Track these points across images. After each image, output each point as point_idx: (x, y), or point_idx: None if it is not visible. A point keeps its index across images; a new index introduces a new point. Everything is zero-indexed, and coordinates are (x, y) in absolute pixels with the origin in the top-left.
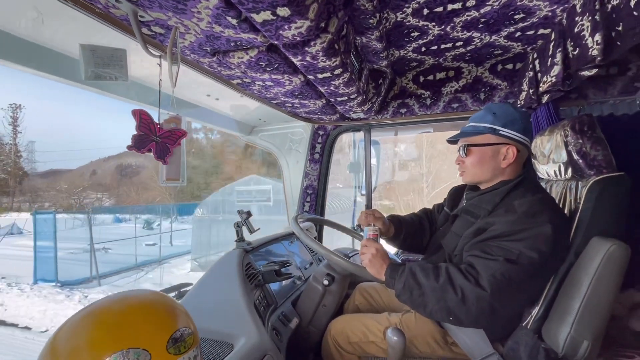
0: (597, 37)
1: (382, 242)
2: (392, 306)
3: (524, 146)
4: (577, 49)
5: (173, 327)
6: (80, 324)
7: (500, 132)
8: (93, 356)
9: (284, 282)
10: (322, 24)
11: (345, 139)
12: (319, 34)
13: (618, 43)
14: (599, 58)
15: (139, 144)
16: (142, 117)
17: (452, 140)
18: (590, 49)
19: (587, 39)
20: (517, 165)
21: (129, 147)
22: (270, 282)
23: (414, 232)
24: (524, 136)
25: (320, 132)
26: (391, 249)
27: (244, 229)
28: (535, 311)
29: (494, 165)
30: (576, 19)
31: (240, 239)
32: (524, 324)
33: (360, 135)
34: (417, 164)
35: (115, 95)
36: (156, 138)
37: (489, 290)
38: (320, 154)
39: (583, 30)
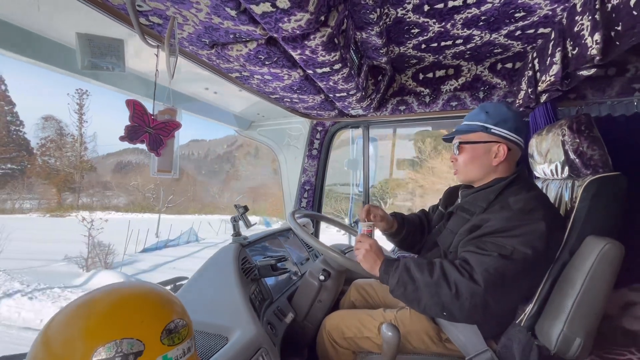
0: (597, 36)
1: (377, 238)
2: (388, 302)
3: (516, 145)
4: (577, 48)
5: (167, 318)
6: (73, 314)
7: (492, 130)
8: (86, 346)
9: (279, 277)
10: (322, 18)
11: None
12: (319, 28)
13: (617, 43)
14: (597, 58)
15: (132, 134)
16: (135, 108)
17: (448, 139)
18: (590, 49)
19: (586, 39)
20: (510, 163)
21: (121, 138)
22: (266, 277)
23: (414, 230)
24: (516, 135)
25: (319, 128)
26: (387, 247)
27: (241, 224)
28: (528, 309)
29: (485, 163)
30: (576, 18)
31: (237, 233)
32: (517, 321)
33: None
34: None
35: (112, 87)
36: (149, 129)
37: (482, 285)
38: (319, 150)
39: (583, 29)
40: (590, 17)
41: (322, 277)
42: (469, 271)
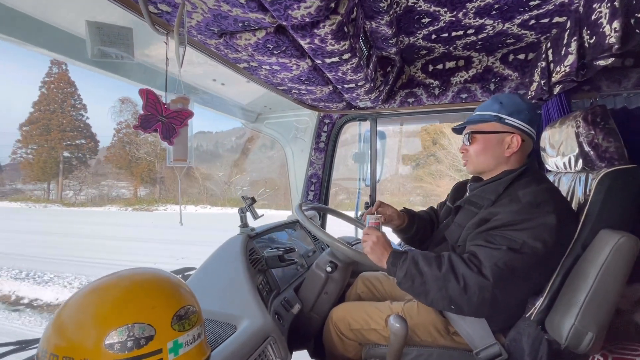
0: (615, 24)
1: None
2: (394, 295)
3: (529, 137)
4: (594, 37)
5: (178, 304)
6: (86, 299)
7: (506, 120)
8: (98, 330)
9: (286, 269)
10: (332, 5)
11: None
12: (329, 15)
13: (637, 31)
14: (616, 46)
15: (145, 123)
16: (148, 97)
17: (458, 130)
18: (608, 37)
19: (604, 27)
20: (521, 155)
21: (135, 127)
22: (273, 268)
23: (424, 227)
24: (530, 127)
25: (326, 121)
26: (394, 240)
27: (248, 215)
28: (539, 302)
29: (497, 153)
30: (594, 5)
31: (244, 225)
32: (527, 315)
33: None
34: None
35: (121, 77)
36: (162, 118)
37: (491, 279)
38: (326, 143)
39: (601, 17)
40: (609, 4)
41: (329, 269)
42: (477, 265)
